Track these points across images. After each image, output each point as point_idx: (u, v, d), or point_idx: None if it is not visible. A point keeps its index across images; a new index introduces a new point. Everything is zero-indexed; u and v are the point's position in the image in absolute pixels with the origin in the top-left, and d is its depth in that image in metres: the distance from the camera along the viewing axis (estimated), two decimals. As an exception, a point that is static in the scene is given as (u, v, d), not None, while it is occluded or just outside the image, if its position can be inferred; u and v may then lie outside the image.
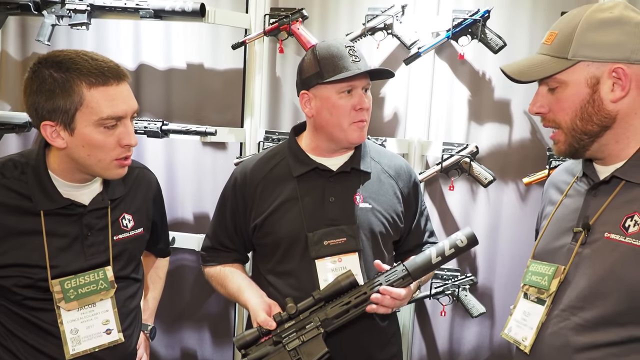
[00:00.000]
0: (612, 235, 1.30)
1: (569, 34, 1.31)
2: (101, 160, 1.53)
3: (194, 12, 2.55)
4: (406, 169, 1.94)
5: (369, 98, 1.80)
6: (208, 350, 3.05)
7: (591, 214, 1.36)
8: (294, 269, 1.80)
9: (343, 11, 2.75)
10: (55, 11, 2.67)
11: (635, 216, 1.28)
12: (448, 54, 2.67)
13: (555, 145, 1.39)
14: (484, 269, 2.73)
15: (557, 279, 1.36)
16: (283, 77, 2.84)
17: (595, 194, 1.38)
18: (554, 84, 1.33)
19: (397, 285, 1.64)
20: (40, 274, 1.55)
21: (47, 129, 1.49)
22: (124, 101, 1.51)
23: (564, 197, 1.50)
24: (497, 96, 2.65)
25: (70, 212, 1.59)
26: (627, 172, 1.32)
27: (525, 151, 2.62)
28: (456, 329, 2.79)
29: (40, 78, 1.47)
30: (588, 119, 1.31)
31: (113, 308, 1.65)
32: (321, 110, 1.78)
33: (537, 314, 1.38)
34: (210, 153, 2.96)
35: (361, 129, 1.78)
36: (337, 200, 1.80)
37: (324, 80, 1.73)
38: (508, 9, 2.59)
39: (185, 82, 2.92)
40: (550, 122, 1.37)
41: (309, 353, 1.61)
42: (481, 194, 2.70)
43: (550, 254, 1.44)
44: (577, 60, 1.30)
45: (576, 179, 1.48)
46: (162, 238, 2.00)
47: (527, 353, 1.37)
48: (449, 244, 1.65)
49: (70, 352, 1.58)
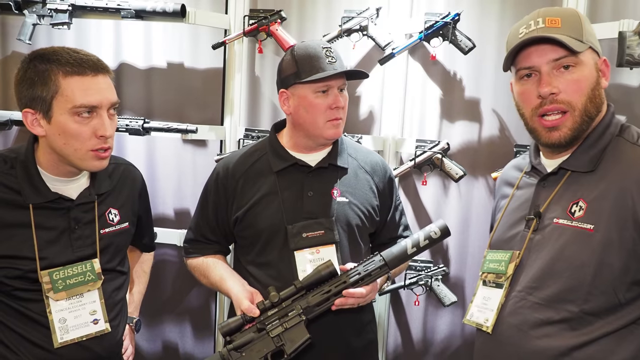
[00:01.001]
0: (561, 221, 1.40)
1: (576, 21, 1.39)
2: (77, 149, 1.56)
3: (174, 12, 2.59)
4: (381, 165, 2.00)
5: (344, 97, 1.85)
6: (189, 343, 3.09)
7: (541, 202, 1.46)
8: (273, 260, 1.84)
9: (320, 13, 2.81)
10: (36, 10, 2.67)
11: (580, 202, 1.38)
12: (421, 55, 2.76)
13: (557, 131, 1.40)
14: (455, 260, 2.83)
15: (513, 263, 1.46)
16: (262, 76, 2.90)
17: (545, 184, 1.48)
18: (573, 64, 1.36)
19: (374, 275, 1.70)
20: (29, 265, 1.59)
21: (27, 117, 1.56)
22: (98, 92, 1.55)
23: (515, 190, 1.59)
24: (468, 95, 2.75)
25: (58, 205, 1.63)
26: (571, 163, 1.43)
27: (494, 147, 2.72)
28: (429, 318, 2.88)
29: (24, 69, 1.54)
30: (594, 100, 1.39)
31: (100, 299, 1.69)
32: (298, 108, 1.84)
33: (497, 297, 1.47)
34: (191, 150, 3.00)
35: (336, 126, 1.83)
36: (316, 195, 1.86)
37: (301, 80, 1.79)
38: (477, 12, 2.69)
39: (166, 81, 2.95)
40: (563, 103, 1.37)
41: (291, 339, 1.66)
42: (453, 189, 2.80)
43: (505, 242, 1.53)
44: (588, 45, 1.38)
45: (524, 173, 1.58)
46: (147, 233, 2.04)
47: (490, 333, 1.46)
48: (424, 235, 1.71)
49: (59, 340, 1.61)
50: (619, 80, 2.58)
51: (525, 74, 1.43)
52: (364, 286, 1.70)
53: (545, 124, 1.41)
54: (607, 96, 2.51)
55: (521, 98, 1.45)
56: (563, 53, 1.36)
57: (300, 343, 1.66)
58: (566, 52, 1.36)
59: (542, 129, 1.42)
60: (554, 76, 1.38)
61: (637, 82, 2.56)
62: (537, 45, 1.39)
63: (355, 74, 1.89)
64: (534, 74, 1.41)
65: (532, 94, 1.41)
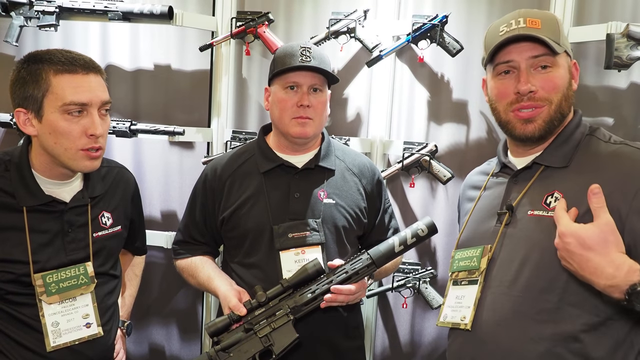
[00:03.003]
0: (535, 212, 1.41)
1: (554, 25, 1.44)
2: (67, 149, 1.56)
3: (162, 14, 2.59)
4: (370, 168, 2.00)
5: (316, 97, 1.84)
6: (176, 345, 3.07)
7: (513, 197, 1.48)
8: (259, 260, 1.85)
9: (307, 15, 2.82)
10: (23, 12, 2.67)
11: (555, 193, 1.40)
12: (408, 57, 2.77)
13: (532, 123, 1.43)
14: (443, 262, 2.83)
15: (486, 257, 1.46)
16: (249, 78, 2.90)
17: (516, 181, 1.51)
18: (550, 64, 1.41)
19: (362, 273, 1.70)
20: (22, 269, 1.59)
21: (20, 116, 1.56)
22: (89, 90, 1.56)
23: (483, 191, 1.61)
24: (455, 97, 2.76)
25: (52, 209, 1.63)
26: (545, 158, 1.46)
27: (482, 149, 2.72)
28: (417, 321, 2.88)
29: (18, 69, 1.56)
30: (566, 100, 1.44)
31: (93, 303, 1.69)
32: (272, 104, 1.88)
33: (472, 294, 1.46)
34: (178, 152, 2.99)
35: (302, 124, 1.83)
36: (302, 196, 1.86)
37: (271, 75, 1.85)
38: (465, 15, 2.70)
39: (153, 83, 2.95)
40: (540, 100, 1.41)
41: (280, 339, 1.66)
42: (440, 191, 2.80)
43: (475, 239, 1.54)
44: (564, 49, 1.43)
45: (491, 175, 1.61)
46: (139, 236, 2.04)
47: (469, 329, 1.44)
48: (411, 233, 1.72)
49: (51, 344, 1.61)
50: (607, 83, 2.59)
51: (503, 70, 1.46)
52: (353, 283, 1.70)
53: (520, 116, 1.44)
54: (595, 98, 2.56)
55: (496, 93, 1.48)
56: (542, 51, 1.40)
57: (288, 343, 1.66)
58: (545, 51, 1.40)
59: (516, 121, 1.45)
60: (531, 74, 1.42)
61: (625, 84, 2.58)
62: (517, 43, 1.42)
63: (325, 74, 1.85)
64: (512, 70, 1.44)
65: (509, 90, 1.44)
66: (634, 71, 2.52)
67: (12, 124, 2.77)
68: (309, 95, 1.82)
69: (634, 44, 2.25)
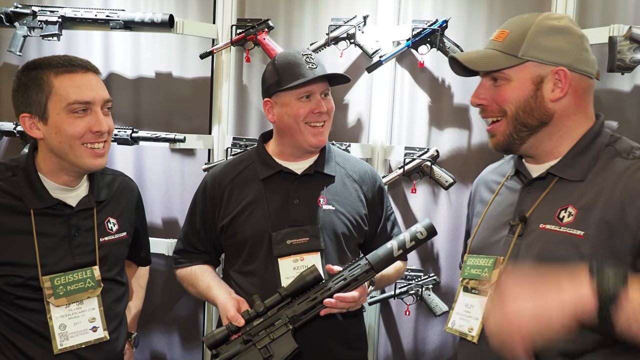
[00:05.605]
0: (548, 226, 1.37)
1: (521, 35, 1.40)
2: (72, 146, 1.59)
3: (163, 23, 2.61)
4: (371, 174, 1.99)
5: (328, 101, 1.86)
6: (177, 353, 3.06)
7: (526, 208, 1.44)
8: (257, 268, 1.84)
9: (307, 21, 2.82)
10: (27, 22, 2.71)
11: (568, 208, 1.36)
12: (408, 62, 2.76)
13: (493, 137, 1.46)
14: (446, 269, 2.81)
15: (497, 270, 1.43)
16: (250, 85, 2.90)
17: (530, 190, 1.47)
18: (500, 77, 1.42)
19: (361, 279, 1.68)
20: (30, 272, 1.61)
21: (25, 121, 1.60)
22: (91, 88, 1.60)
23: (496, 196, 1.57)
24: (456, 102, 2.74)
25: (59, 212, 1.66)
26: (561, 169, 1.41)
27: (484, 154, 2.70)
28: (420, 328, 2.85)
29: (18, 78, 1.60)
30: (530, 112, 1.39)
31: (99, 307, 1.70)
32: (282, 115, 1.84)
33: (480, 305, 1.44)
34: (179, 159, 3.00)
35: (318, 134, 1.84)
36: (301, 203, 1.85)
37: (282, 88, 1.81)
38: (465, 19, 2.70)
39: (154, 91, 2.96)
40: (493, 112, 1.44)
41: (279, 350, 1.63)
42: (442, 196, 2.78)
43: (487, 247, 1.50)
44: (526, 59, 1.39)
45: (507, 178, 1.57)
46: (144, 246, 2.04)
47: (476, 342, 1.43)
48: (409, 236, 1.69)
49: (58, 347, 1.63)
50: (610, 86, 2.57)
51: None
52: (354, 290, 1.68)
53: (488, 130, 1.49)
54: (598, 102, 2.54)
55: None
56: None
57: (288, 353, 1.63)
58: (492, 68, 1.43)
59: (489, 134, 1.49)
60: (483, 88, 1.46)
61: (628, 87, 2.55)
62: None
63: (337, 78, 1.89)
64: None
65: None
66: (638, 74, 2.49)
67: (15, 132, 2.79)
68: (322, 100, 1.84)
69: (637, 46, 2.23)
